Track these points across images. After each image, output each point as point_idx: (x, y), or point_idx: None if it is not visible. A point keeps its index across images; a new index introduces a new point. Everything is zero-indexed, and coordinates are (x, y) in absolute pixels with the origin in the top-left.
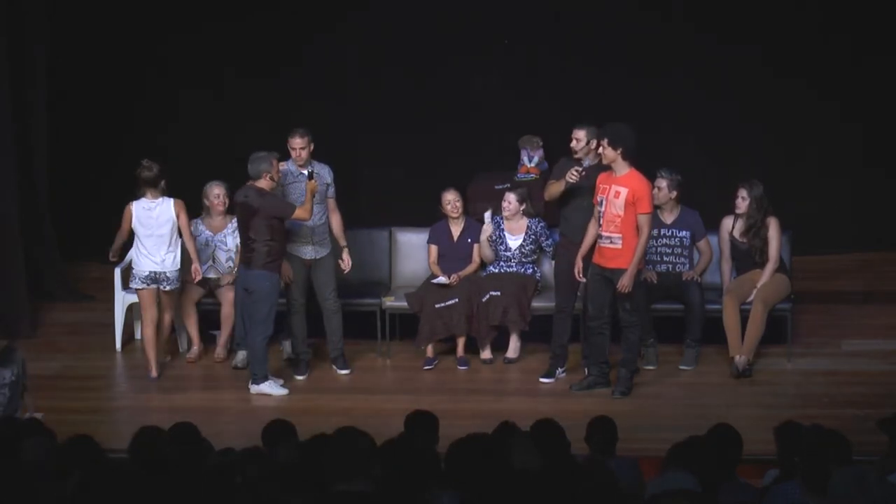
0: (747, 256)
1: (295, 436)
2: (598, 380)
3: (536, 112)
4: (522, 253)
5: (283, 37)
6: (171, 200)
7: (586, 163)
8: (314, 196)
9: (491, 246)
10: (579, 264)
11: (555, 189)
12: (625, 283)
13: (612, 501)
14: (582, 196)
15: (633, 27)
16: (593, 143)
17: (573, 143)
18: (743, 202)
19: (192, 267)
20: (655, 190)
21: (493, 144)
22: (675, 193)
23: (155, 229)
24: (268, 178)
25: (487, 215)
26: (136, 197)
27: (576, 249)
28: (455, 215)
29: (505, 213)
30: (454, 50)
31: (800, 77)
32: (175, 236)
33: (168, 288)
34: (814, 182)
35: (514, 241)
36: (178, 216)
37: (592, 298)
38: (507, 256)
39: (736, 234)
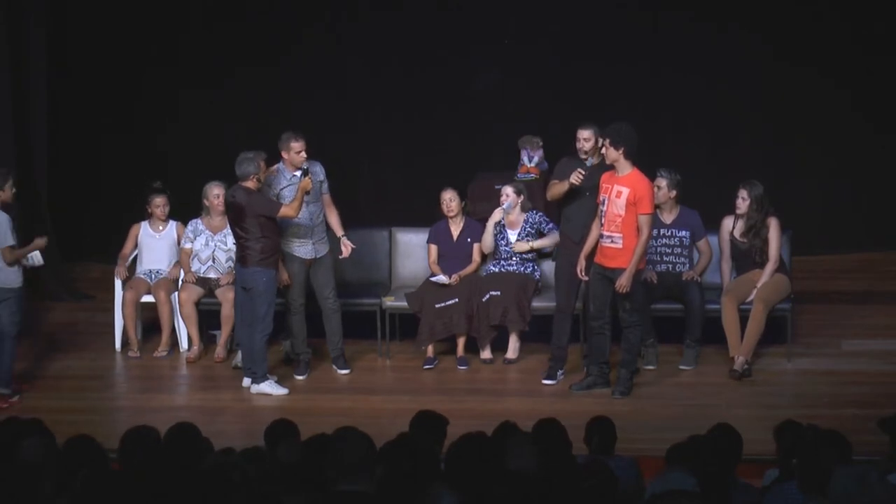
0: (747, 256)
1: (297, 436)
2: (597, 380)
3: (537, 112)
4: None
5: (283, 37)
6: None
7: (589, 163)
8: (307, 194)
9: (494, 235)
10: (582, 263)
11: (557, 189)
12: (623, 282)
13: (612, 502)
14: (584, 196)
15: (632, 26)
16: (599, 142)
17: (580, 144)
18: (743, 202)
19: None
20: (655, 189)
21: (493, 144)
22: (674, 193)
23: None
24: (254, 180)
25: (508, 203)
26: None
27: (577, 249)
28: (451, 215)
29: (502, 204)
30: (455, 50)
31: (802, 75)
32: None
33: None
34: (814, 181)
35: (513, 235)
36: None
37: (593, 298)
38: (508, 253)
39: (736, 234)
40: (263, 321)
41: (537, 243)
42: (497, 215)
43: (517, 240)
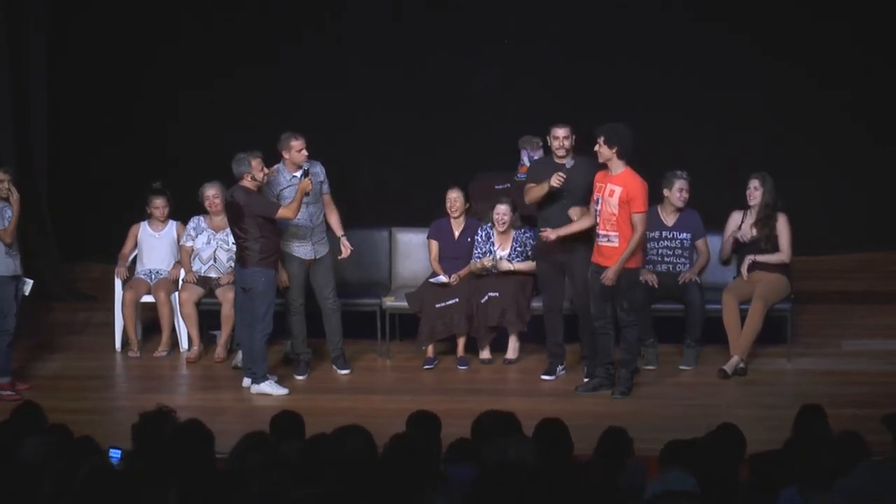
0: (753, 246)
1: (302, 431)
2: (603, 381)
3: (537, 112)
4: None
5: (283, 37)
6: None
7: (568, 164)
8: (307, 196)
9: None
10: (554, 234)
11: (536, 193)
12: (609, 276)
13: (612, 502)
14: (562, 197)
15: (633, 26)
16: (573, 141)
17: (559, 142)
18: (756, 191)
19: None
20: (678, 192)
21: (493, 144)
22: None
23: None
24: (248, 179)
25: (497, 256)
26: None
27: (556, 248)
28: (455, 215)
29: (499, 228)
30: (455, 50)
31: (802, 75)
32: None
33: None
34: (814, 181)
35: (502, 254)
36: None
37: (593, 298)
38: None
39: (745, 227)
40: (263, 321)
41: (518, 266)
42: (487, 264)
43: (502, 257)
